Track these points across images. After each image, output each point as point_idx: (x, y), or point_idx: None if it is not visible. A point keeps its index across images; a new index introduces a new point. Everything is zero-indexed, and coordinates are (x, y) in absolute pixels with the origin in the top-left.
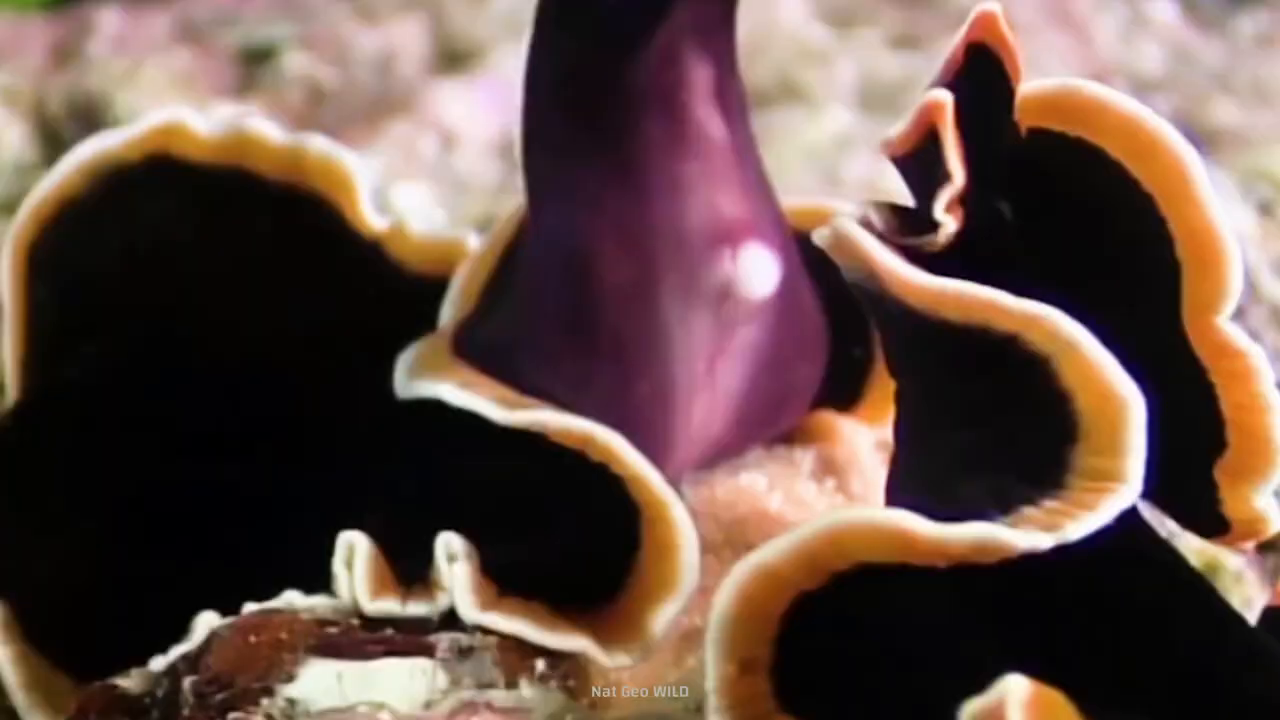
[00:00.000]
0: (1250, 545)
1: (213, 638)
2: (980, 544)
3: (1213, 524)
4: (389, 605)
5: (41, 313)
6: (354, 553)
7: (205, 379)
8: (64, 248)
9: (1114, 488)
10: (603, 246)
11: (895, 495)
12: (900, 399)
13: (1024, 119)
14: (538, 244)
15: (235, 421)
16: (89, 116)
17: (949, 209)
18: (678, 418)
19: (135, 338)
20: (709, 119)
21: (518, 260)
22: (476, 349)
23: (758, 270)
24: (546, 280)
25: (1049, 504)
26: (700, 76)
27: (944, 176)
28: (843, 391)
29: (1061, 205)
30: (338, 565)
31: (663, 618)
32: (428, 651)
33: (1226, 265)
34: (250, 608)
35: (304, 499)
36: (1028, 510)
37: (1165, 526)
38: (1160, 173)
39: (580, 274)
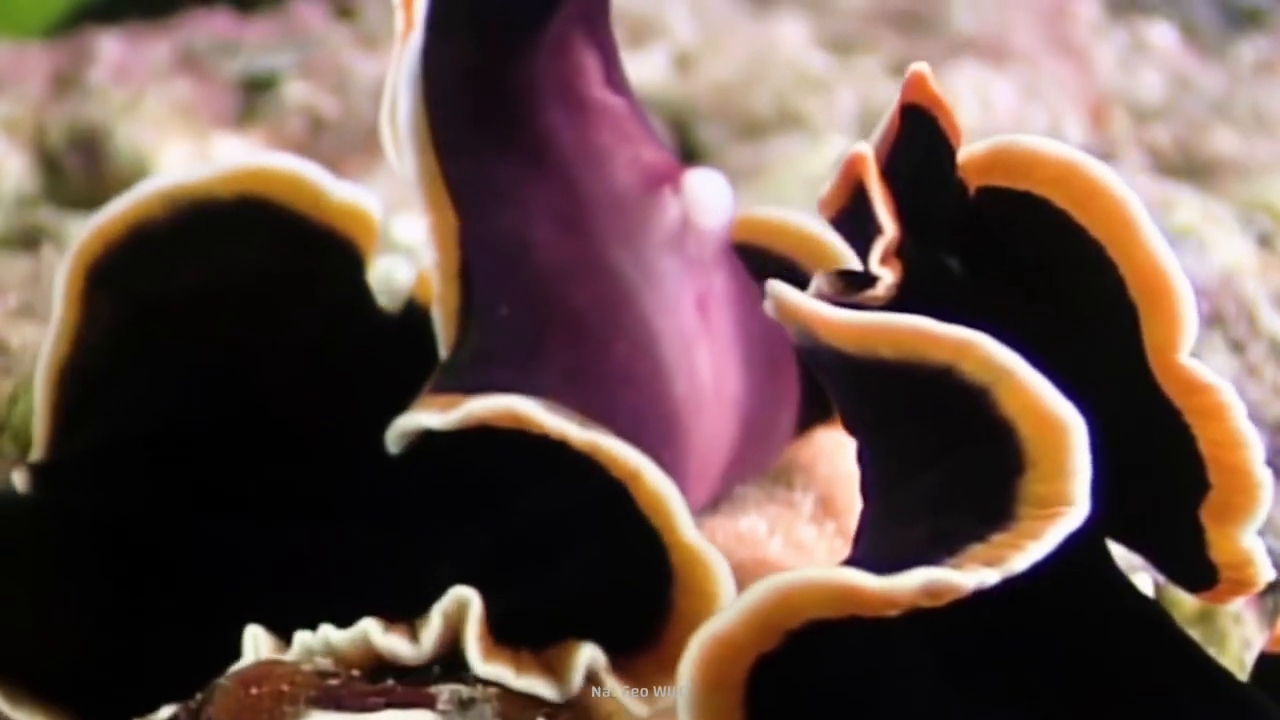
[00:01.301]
0: (1240, 599)
1: (215, 688)
2: (926, 589)
3: (1201, 572)
4: (502, 671)
5: (96, 330)
6: (466, 611)
7: (258, 428)
8: (134, 270)
9: (1061, 512)
10: (537, 233)
11: (854, 551)
12: (859, 457)
13: (970, 179)
14: (475, 253)
15: (280, 473)
16: (90, 147)
17: (885, 261)
18: (675, 370)
19: (196, 373)
20: (606, 98)
21: (471, 276)
22: (453, 380)
23: (708, 192)
24: (493, 285)
25: (996, 538)
26: (592, 63)
27: (876, 230)
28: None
29: (1013, 261)
30: (435, 615)
31: None
32: (429, 703)
33: (1181, 303)
34: (249, 659)
35: (330, 553)
36: (974, 548)
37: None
38: (1103, 218)
39: (522, 265)
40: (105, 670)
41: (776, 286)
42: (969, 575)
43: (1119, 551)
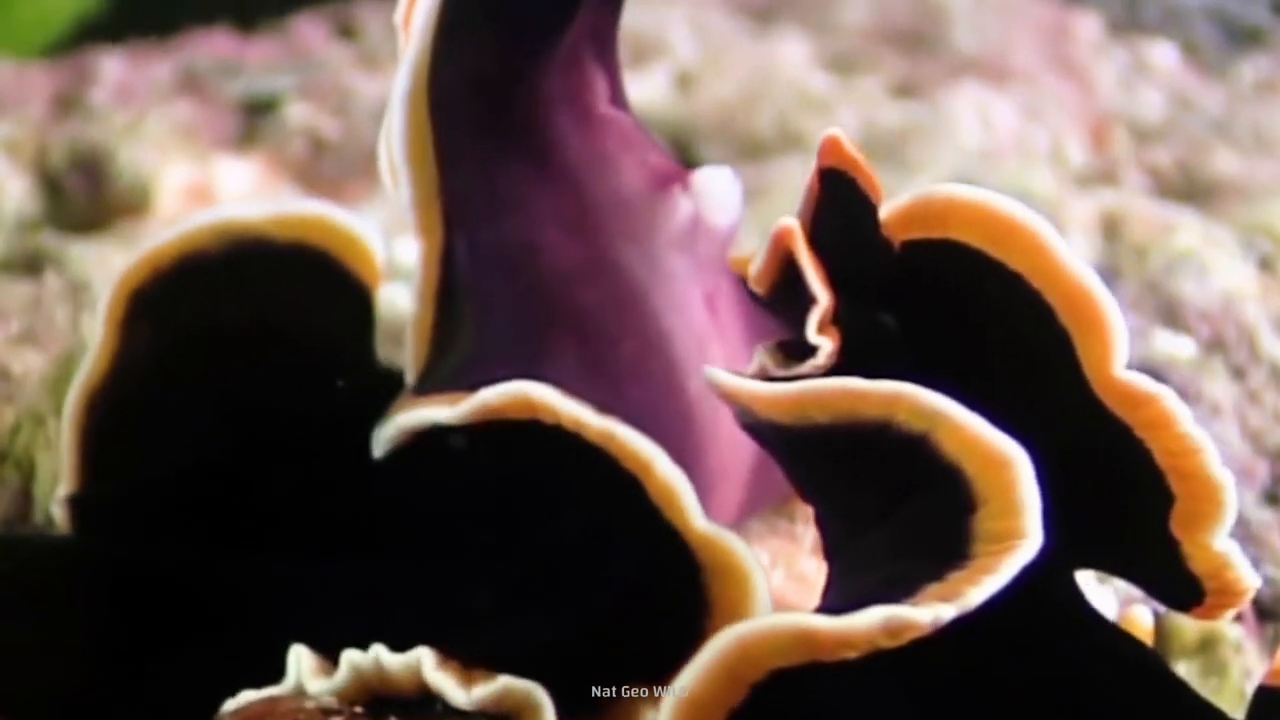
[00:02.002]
0: (1231, 613)
1: None
2: (884, 627)
3: (1186, 587)
4: None
5: (134, 358)
6: (529, 705)
7: (291, 464)
8: (179, 300)
9: (1015, 545)
10: (544, 238)
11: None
12: (816, 521)
13: (894, 235)
14: (477, 263)
15: (313, 508)
16: (91, 169)
17: (822, 330)
18: (688, 367)
19: (233, 407)
20: (612, 112)
21: (456, 294)
22: (450, 381)
23: (719, 188)
24: (497, 293)
25: (952, 576)
26: (599, 80)
27: (810, 300)
28: None
29: (945, 308)
30: (502, 683)
31: None
32: None
33: (1109, 318)
34: (252, 695)
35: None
36: (931, 587)
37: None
38: (1020, 250)
39: (528, 268)
40: (133, 705)
41: (712, 371)
42: (925, 611)
43: (1120, 585)
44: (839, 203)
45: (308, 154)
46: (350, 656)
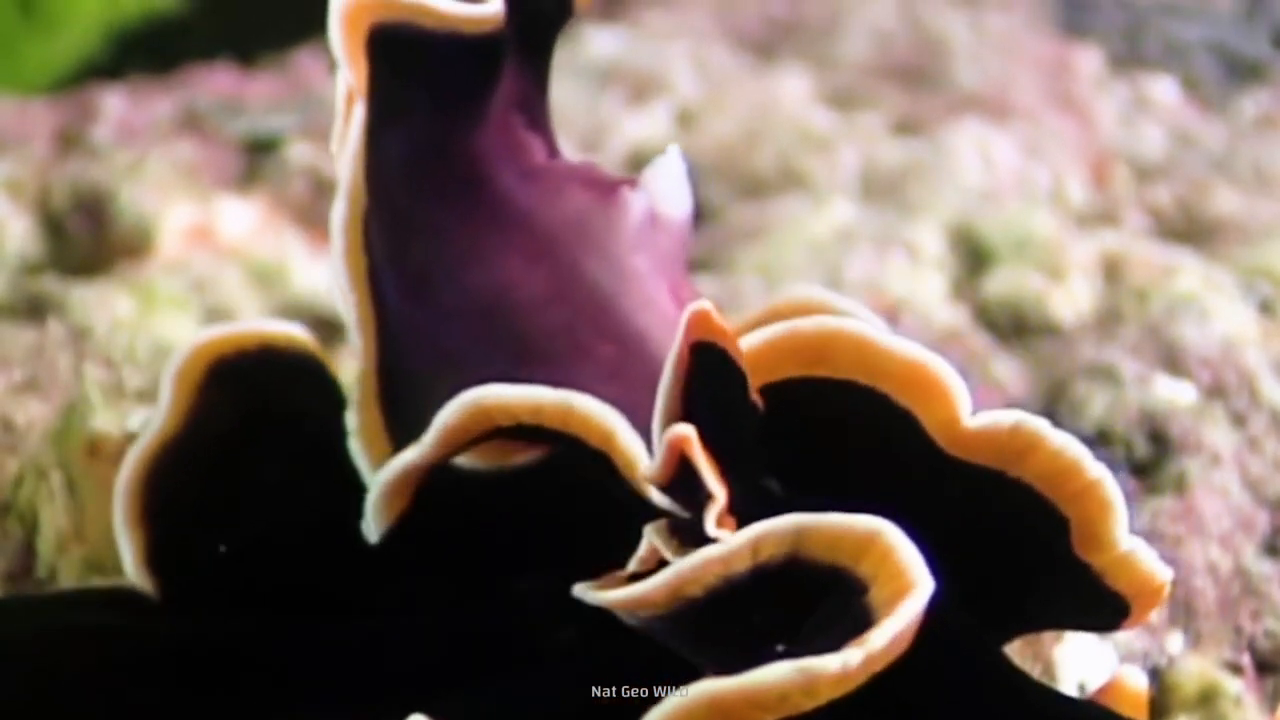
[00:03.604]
0: (1153, 613)
1: None
2: (795, 678)
3: (1113, 606)
4: None
5: (212, 421)
6: None
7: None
8: (261, 377)
9: (909, 593)
10: (508, 275)
11: None
12: None
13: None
14: (443, 325)
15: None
16: (93, 209)
17: (721, 523)
18: (663, 360)
19: (308, 481)
20: (549, 155)
21: (408, 356)
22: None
23: (668, 177)
24: (469, 341)
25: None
26: (534, 141)
27: (707, 497)
28: None
29: (805, 441)
30: None
31: None
32: None
33: (940, 377)
34: None
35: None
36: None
37: (1166, 654)
38: (838, 354)
39: (501, 307)
40: None
41: (583, 590)
42: (833, 657)
43: (1120, 639)
44: (712, 375)
45: (309, 194)
46: None
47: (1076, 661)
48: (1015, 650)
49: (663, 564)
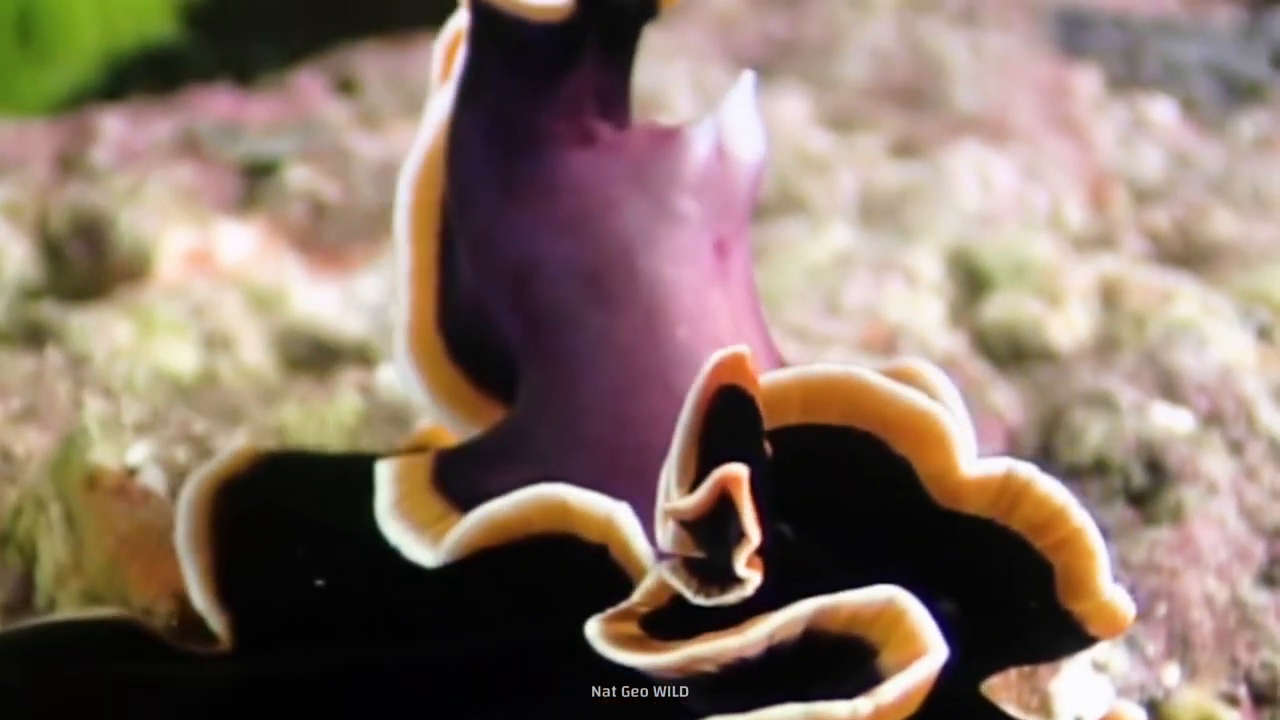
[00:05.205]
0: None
1: None
2: None
3: (1087, 644)
4: None
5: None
6: None
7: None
8: None
9: (922, 656)
10: (539, 243)
11: None
12: None
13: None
14: (484, 288)
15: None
16: (92, 234)
17: (750, 565)
18: (679, 314)
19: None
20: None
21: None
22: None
23: (738, 111)
24: (502, 305)
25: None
26: (604, 126)
27: (740, 535)
28: None
29: (810, 489)
30: None
31: None
32: None
33: (938, 423)
34: None
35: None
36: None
37: (1163, 686)
38: (836, 402)
39: (530, 273)
40: None
41: (595, 638)
42: (843, 704)
43: (1118, 670)
44: (735, 420)
45: (308, 218)
46: None
47: (1073, 695)
48: (1011, 684)
49: (674, 597)
